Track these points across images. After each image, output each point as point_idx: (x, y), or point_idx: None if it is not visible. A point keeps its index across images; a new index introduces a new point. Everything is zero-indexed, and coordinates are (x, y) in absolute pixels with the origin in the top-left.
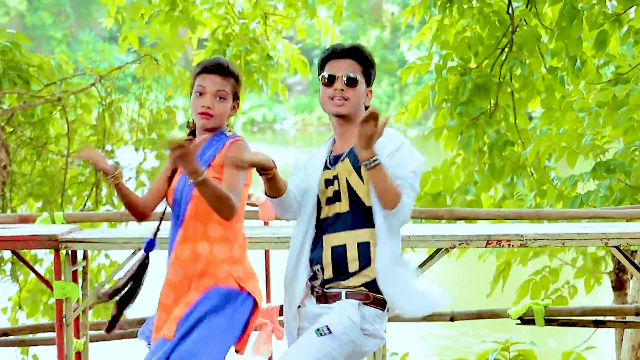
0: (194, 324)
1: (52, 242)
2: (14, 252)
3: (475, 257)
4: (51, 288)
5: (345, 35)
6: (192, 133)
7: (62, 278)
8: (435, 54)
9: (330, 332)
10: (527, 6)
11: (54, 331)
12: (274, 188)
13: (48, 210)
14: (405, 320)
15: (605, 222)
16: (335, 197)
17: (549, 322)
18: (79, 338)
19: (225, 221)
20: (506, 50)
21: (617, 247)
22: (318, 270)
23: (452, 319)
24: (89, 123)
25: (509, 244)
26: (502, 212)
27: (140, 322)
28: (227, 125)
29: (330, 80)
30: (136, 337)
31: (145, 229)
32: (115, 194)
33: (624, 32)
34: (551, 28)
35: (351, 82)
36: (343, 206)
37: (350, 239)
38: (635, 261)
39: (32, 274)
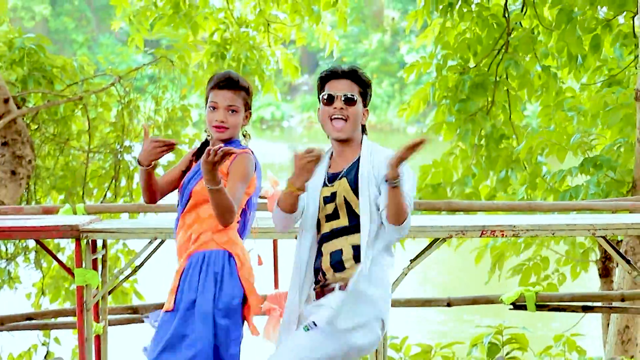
0: (190, 300)
1: (74, 232)
2: (37, 242)
3: (471, 247)
4: (72, 275)
5: (349, 39)
6: (205, 143)
7: (83, 266)
8: (437, 54)
9: (315, 325)
10: (522, 10)
11: (74, 316)
12: (289, 205)
13: (70, 202)
14: (402, 305)
15: (593, 214)
16: (334, 215)
17: (540, 307)
18: (98, 322)
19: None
20: (502, 50)
21: (604, 237)
22: (320, 277)
23: (448, 304)
24: (108, 120)
25: (502, 234)
26: (496, 204)
27: (158, 307)
28: (244, 136)
29: (330, 100)
30: None
31: (162, 220)
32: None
33: (613, 36)
34: (550, 28)
35: (349, 102)
36: (342, 222)
37: (346, 243)
38: (621, 250)
39: (55, 262)
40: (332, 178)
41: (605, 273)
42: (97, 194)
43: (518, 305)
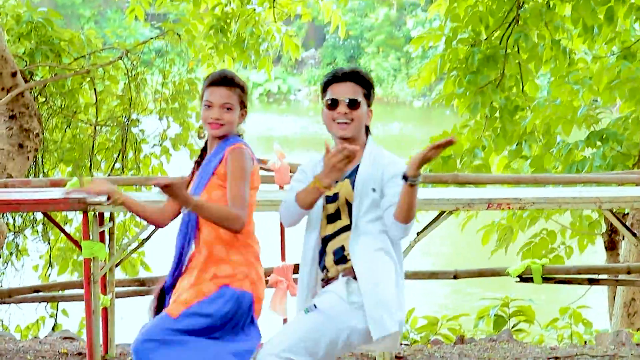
0: (199, 327)
1: (81, 205)
2: (45, 214)
3: (478, 221)
4: (80, 248)
5: (355, 13)
6: (205, 149)
7: (90, 238)
8: (447, 26)
9: (316, 307)
10: None
11: (82, 288)
12: (309, 202)
13: (77, 174)
14: (409, 278)
15: (599, 187)
16: (336, 216)
17: (546, 280)
18: (105, 294)
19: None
20: (513, 23)
21: (610, 210)
22: (325, 274)
23: (455, 277)
24: (115, 93)
25: (509, 207)
26: (503, 177)
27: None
28: (239, 135)
29: (333, 104)
30: None
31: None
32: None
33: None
34: (565, 0)
35: (353, 105)
36: (344, 222)
37: (346, 238)
38: (627, 223)
39: (62, 234)
40: None
41: (612, 246)
42: (105, 166)
43: (524, 277)
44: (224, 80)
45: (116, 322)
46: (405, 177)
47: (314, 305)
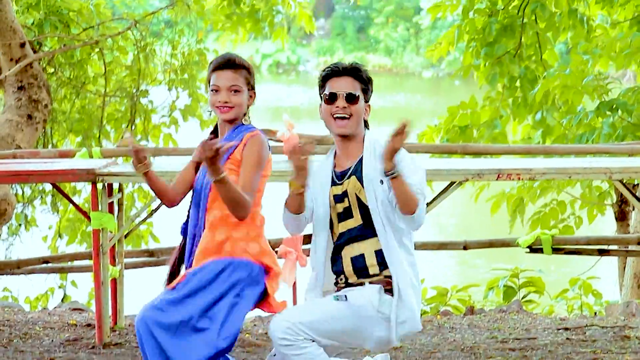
0: (200, 284)
1: (90, 176)
2: (54, 185)
3: (488, 194)
4: (89, 219)
5: None
6: (215, 129)
7: (99, 209)
8: None
9: (346, 299)
10: None
11: (91, 259)
12: (297, 205)
13: (86, 145)
14: (419, 249)
15: (609, 157)
16: (347, 214)
17: (556, 250)
18: (114, 265)
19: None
20: None
21: (620, 181)
22: (341, 279)
23: (465, 248)
24: (124, 64)
25: (519, 177)
26: (512, 147)
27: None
28: (244, 115)
29: (332, 98)
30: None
31: (178, 162)
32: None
33: None
34: None
35: (352, 99)
36: (356, 221)
37: (367, 247)
38: (637, 194)
39: (71, 205)
40: (340, 176)
41: (622, 216)
42: (114, 137)
43: (534, 248)
44: (228, 63)
45: (125, 293)
46: (385, 174)
47: (345, 296)
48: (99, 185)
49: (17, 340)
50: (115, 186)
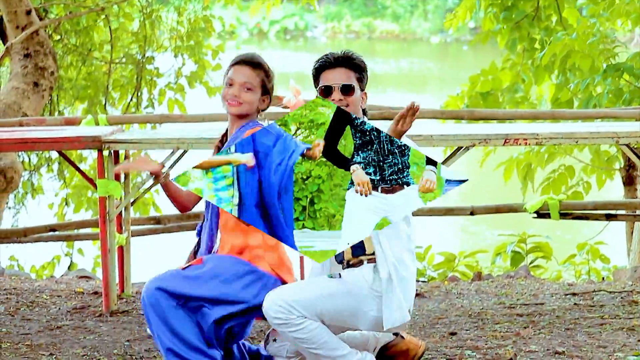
0: (216, 272)
1: (96, 143)
2: (60, 153)
3: (495, 160)
4: (95, 186)
5: None
6: (226, 134)
7: (106, 177)
8: None
9: (340, 276)
10: None
11: (97, 227)
12: None
13: (92, 112)
14: (425, 214)
15: (616, 122)
16: None
17: (563, 215)
18: (121, 233)
19: None
20: None
21: (627, 145)
22: (345, 262)
23: (472, 213)
24: (130, 31)
25: (526, 142)
26: (519, 112)
27: (180, 218)
28: (258, 116)
29: (327, 91)
30: (175, 232)
31: (184, 130)
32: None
33: None
34: None
35: (347, 90)
36: None
37: None
38: None
39: (78, 173)
40: None
41: (629, 181)
42: (119, 103)
43: (541, 213)
44: (248, 60)
45: (132, 260)
46: None
47: (339, 274)
48: (105, 153)
49: (24, 308)
50: (121, 153)
